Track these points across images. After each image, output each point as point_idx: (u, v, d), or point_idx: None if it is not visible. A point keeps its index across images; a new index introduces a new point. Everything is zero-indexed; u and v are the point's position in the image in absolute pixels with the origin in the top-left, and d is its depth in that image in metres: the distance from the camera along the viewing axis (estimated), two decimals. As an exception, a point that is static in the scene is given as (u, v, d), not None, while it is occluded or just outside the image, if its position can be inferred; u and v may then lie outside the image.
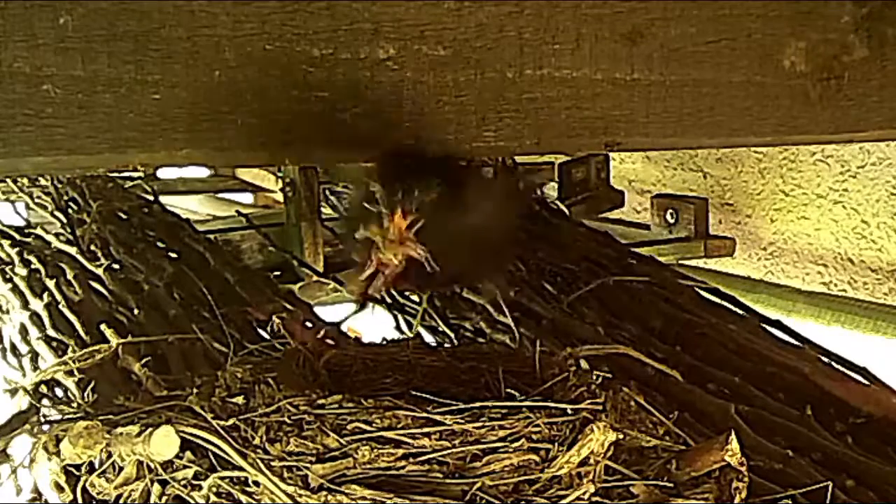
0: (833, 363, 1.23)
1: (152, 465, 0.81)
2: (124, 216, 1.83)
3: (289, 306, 1.32)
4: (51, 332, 1.29)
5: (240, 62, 0.81)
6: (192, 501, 0.79)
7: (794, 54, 0.99)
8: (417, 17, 0.85)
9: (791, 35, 0.98)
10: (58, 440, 0.86)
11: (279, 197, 2.31)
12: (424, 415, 0.76)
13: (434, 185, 0.80)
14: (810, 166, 2.35)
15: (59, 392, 1.11)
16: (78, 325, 1.29)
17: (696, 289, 1.47)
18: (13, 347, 1.34)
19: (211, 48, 0.80)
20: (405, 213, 0.79)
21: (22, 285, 1.48)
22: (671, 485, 0.80)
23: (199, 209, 2.73)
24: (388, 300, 1.53)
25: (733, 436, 0.80)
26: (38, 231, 1.76)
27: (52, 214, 1.92)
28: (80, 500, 0.87)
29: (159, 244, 1.68)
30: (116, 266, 1.53)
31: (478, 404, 0.77)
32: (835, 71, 1.00)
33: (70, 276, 1.46)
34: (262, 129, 0.83)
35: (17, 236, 1.73)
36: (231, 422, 0.80)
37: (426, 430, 0.75)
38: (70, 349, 1.22)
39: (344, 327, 1.21)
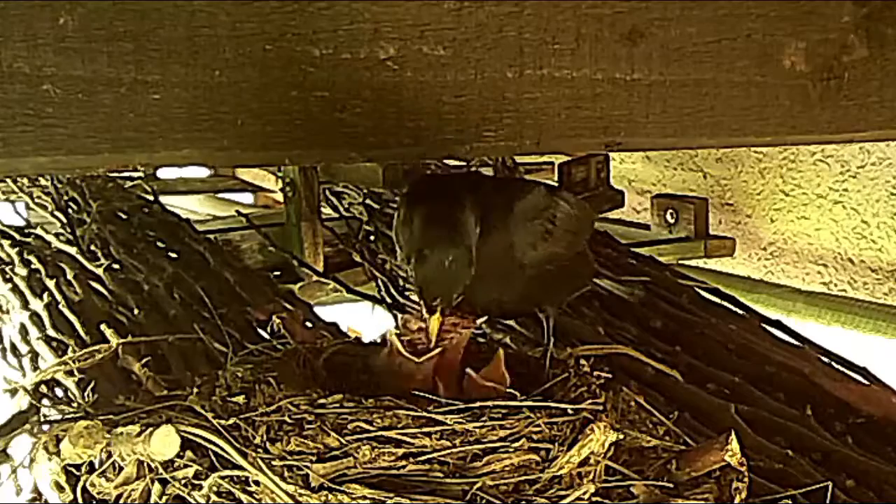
0: (833, 363, 1.23)
1: (153, 465, 0.82)
2: (124, 216, 1.83)
3: (289, 306, 1.32)
4: (51, 332, 1.29)
5: (240, 62, 0.81)
6: (192, 501, 0.79)
7: (794, 54, 0.99)
8: (417, 17, 0.85)
9: (791, 35, 0.98)
10: (58, 440, 0.86)
11: (279, 197, 2.31)
12: (425, 414, 0.76)
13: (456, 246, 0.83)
14: (810, 166, 2.35)
15: (59, 392, 1.11)
16: (78, 325, 1.29)
17: (696, 289, 1.47)
18: (13, 347, 1.34)
19: (211, 48, 0.80)
20: (443, 313, 0.83)
21: (22, 285, 1.48)
22: (671, 485, 0.80)
23: (199, 209, 2.73)
24: (389, 300, 1.53)
25: (733, 436, 0.80)
26: (38, 231, 1.76)
27: (52, 214, 1.93)
28: (80, 500, 0.87)
29: (159, 244, 1.68)
30: (116, 266, 1.53)
31: (478, 404, 0.77)
32: (835, 71, 1.00)
33: (70, 276, 1.46)
34: (262, 129, 0.83)
35: (17, 236, 1.73)
36: (232, 421, 0.80)
37: (427, 429, 0.75)
38: (70, 349, 1.22)
39: (344, 327, 1.21)
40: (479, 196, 0.89)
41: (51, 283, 1.43)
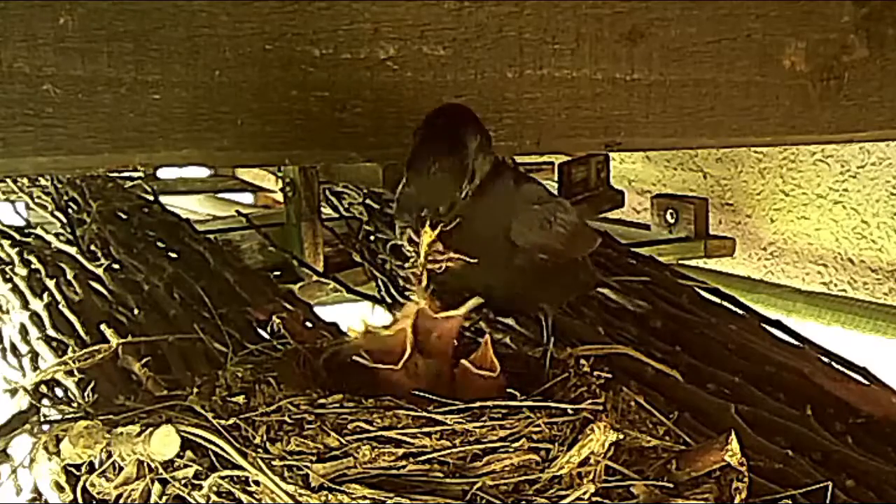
0: (833, 363, 1.23)
1: (153, 465, 0.82)
2: (124, 216, 1.83)
3: (289, 306, 1.32)
4: (51, 332, 1.29)
5: (240, 62, 0.81)
6: (192, 501, 0.79)
7: (794, 54, 0.99)
8: (417, 17, 0.85)
9: (791, 35, 0.99)
10: (58, 440, 0.86)
11: (279, 197, 2.31)
12: (425, 414, 0.76)
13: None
14: (810, 166, 2.35)
15: (59, 392, 1.11)
16: (78, 325, 1.29)
17: (696, 289, 1.47)
18: (13, 347, 1.34)
19: (211, 48, 0.80)
20: (432, 226, 0.79)
21: (22, 285, 1.48)
22: (671, 485, 0.80)
23: (199, 209, 2.73)
24: (389, 300, 1.53)
25: (733, 436, 0.80)
26: (38, 231, 1.76)
27: (52, 214, 1.92)
28: (80, 500, 0.87)
29: (159, 244, 1.68)
30: (116, 266, 1.53)
31: (478, 404, 0.77)
32: (835, 71, 1.01)
33: (70, 276, 1.46)
34: (262, 129, 0.83)
35: (17, 236, 1.73)
36: (232, 421, 0.80)
37: (427, 429, 0.75)
38: (70, 349, 1.22)
39: (344, 327, 1.21)
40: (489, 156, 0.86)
41: (51, 283, 1.43)
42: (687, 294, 1.44)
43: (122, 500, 0.83)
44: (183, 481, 0.80)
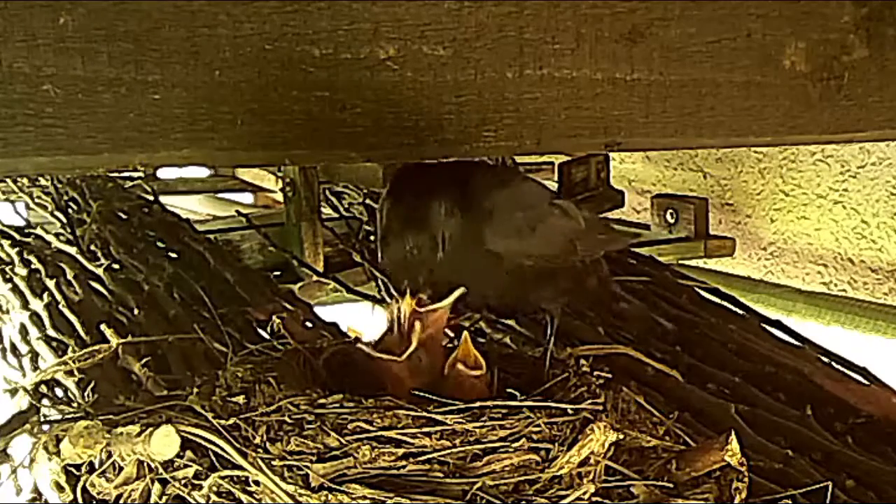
0: (833, 363, 1.23)
1: (153, 465, 0.82)
2: (124, 216, 1.83)
3: (289, 306, 1.32)
4: (51, 332, 1.29)
5: (240, 62, 0.81)
6: (192, 501, 0.79)
7: (794, 54, 0.99)
8: (417, 17, 0.85)
9: (791, 35, 0.98)
10: (58, 440, 0.86)
11: (279, 197, 2.31)
12: (425, 414, 0.76)
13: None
14: (810, 166, 2.35)
15: (59, 392, 1.11)
16: (78, 325, 1.29)
17: (696, 289, 1.47)
18: (13, 347, 1.34)
19: (211, 48, 0.80)
20: (413, 295, 0.83)
21: (22, 285, 1.48)
22: (671, 485, 0.80)
23: (199, 209, 2.73)
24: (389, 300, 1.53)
25: (733, 436, 0.80)
26: (38, 231, 1.76)
27: (52, 214, 1.93)
28: (80, 500, 0.87)
29: (159, 244, 1.68)
30: (116, 266, 1.53)
31: (478, 404, 0.77)
32: (835, 71, 1.00)
33: (70, 276, 1.46)
34: (262, 129, 0.83)
35: (17, 236, 1.73)
36: (231, 421, 0.80)
37: (427, 429, 0.75)
38: (70, 349, 1.22)
39: (344, 327, 1.21)
40: (460, 185, 0.88)
41: (51, 283, 1.43)
42: (687, 294, 1.44)
43: (122, 500, 0.83)
44: (183, 481, 0.80)
